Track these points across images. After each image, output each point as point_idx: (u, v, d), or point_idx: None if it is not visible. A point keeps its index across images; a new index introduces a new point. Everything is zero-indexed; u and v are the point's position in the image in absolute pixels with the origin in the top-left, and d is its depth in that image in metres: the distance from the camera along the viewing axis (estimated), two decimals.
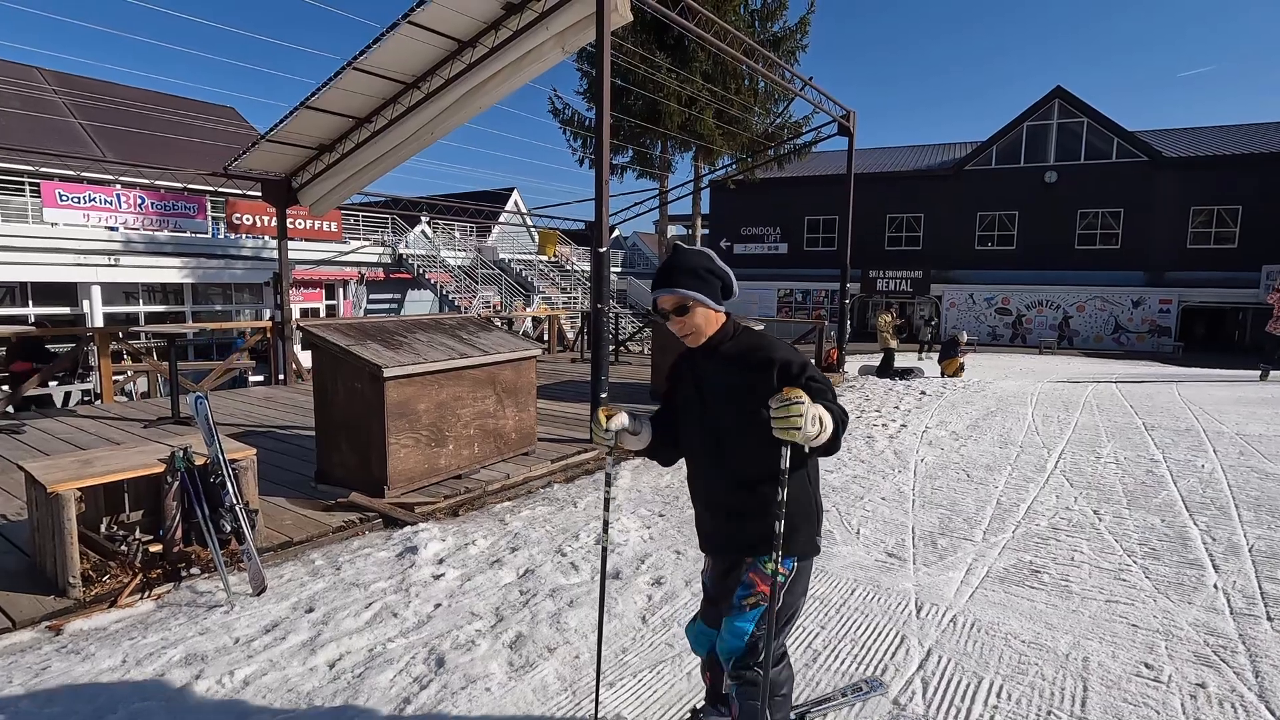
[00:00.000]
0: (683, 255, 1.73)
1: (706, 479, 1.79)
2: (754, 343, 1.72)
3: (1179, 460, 5.24)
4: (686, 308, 1.70)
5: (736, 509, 1.73)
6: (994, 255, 28.93)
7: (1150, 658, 2.49)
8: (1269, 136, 27.14)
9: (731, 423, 1.70)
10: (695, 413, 1.77)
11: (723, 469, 1.73)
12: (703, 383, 1.75)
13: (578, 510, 4.27)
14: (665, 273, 1.72)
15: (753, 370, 1.65)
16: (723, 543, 1.81)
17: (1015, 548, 3.60)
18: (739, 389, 1.66)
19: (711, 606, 1.87)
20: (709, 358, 1.74)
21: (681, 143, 17.14)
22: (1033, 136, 28.20)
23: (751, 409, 1.63)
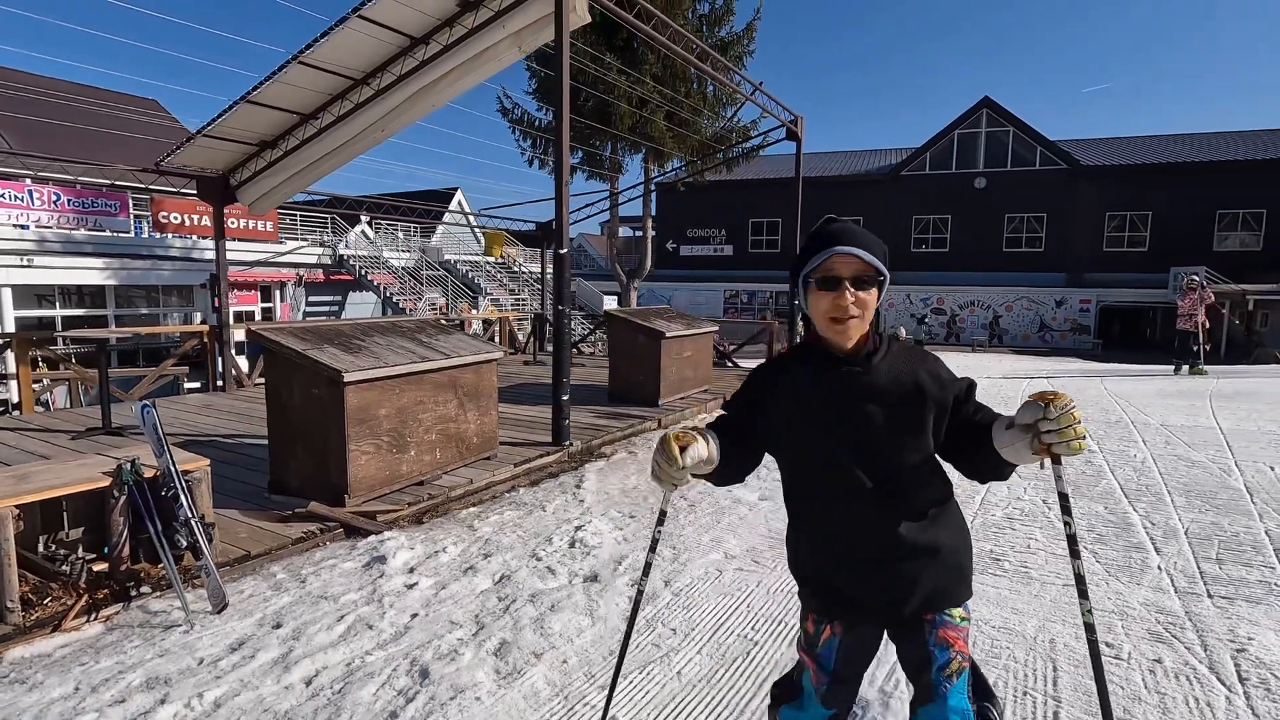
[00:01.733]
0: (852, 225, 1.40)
1: (859, 522, 1.38)
2: (917, 354, 1.44)
3: (1113, 451, 5.56)
4: (870, 280, 1.34)
5: (921, 552, 1.37)
6: (929, 257, 30.11)
7: (1110, 637, 2.64)
8: (1173, 148, 29.15)
9: (899, 447, 1.37)
10: (832, 438, 1.37)
11: (888, 507, 1.36)
12: (848, 401, 1.37)
13: (547, 514, 4.22)
14: (841, 233, 1.36)
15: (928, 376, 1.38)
16: (885, 601, 1.39)
17: (976, 538, 3.75)
18: (906, 404, 1.36)
19: (839, 685, 1.48)
20: (856, 369, 1.37)
21: (632, 144, 17.19)
22: (963, 144, 29.48)
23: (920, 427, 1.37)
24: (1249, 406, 7.41)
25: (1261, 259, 24.98)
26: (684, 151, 17.20)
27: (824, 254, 1.34)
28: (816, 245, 1.37)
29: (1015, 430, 1.25)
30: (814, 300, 1.37)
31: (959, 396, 1.39)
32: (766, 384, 1.50)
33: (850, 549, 1.40)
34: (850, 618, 1.44)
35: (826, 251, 1.34)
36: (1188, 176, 26.68)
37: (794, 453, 1.45)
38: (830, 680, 1.47)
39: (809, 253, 1.38)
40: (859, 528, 1.38)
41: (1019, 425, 1.24)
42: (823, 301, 1.35)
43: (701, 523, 4.05)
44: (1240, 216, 26.40)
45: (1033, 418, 1.22)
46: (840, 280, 1.33)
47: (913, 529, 1.37)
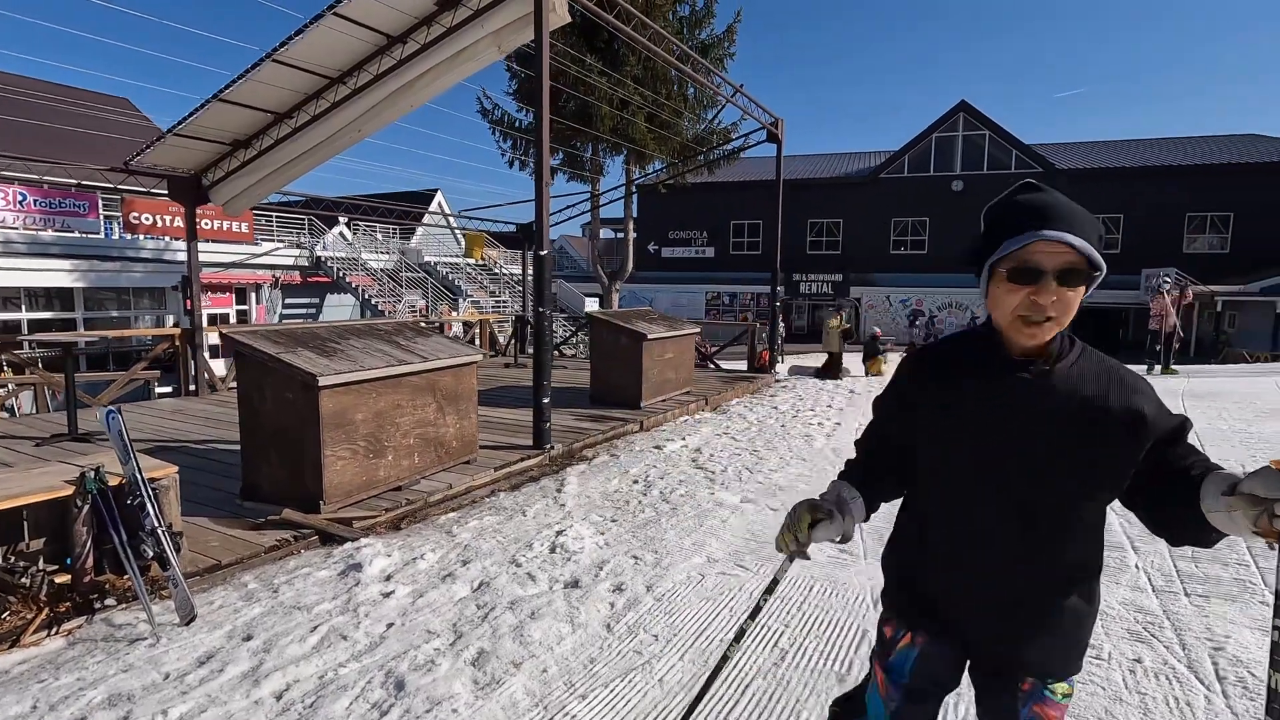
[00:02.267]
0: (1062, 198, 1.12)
1: (989, 555, 1.17)
2: (1112, 370, 1.15)
3: None
4: (1080, 275, 1.06)
5: (1048, 611, 1.16)
6: (907, 259, 30.41)
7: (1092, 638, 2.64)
8: (1144, 152, 29.73)
9: (1073, 488, 1.11)
10: (987, 455, 1.15)
11: (1030, 549, 1.15)
12: (1017, 413, 1.12)
13: (527, 519, 4.16)
14: (1049, 209, 1.07)
15: (1122, 406, 1.10)
16: (988, 641, 1.22)
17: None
18: (1091, 439, 1.09)
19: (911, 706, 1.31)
20: (1036, 376, 1.12)
21: (613, 146, 17.15)
22: (941, 147, 29.83)
23: (1104, 473, 1.10)
24: (1219, 405, 7.55)
25: (1229, 261, 25.55)
26: (665, 153, 17.20)
27: (1025, 238, 1.05)
28: (1014, 223, 1.08)
29: (1239, 499, 0.94)
30: (1000, 294, 1.11)
31: (1164, 437, 1.10)
32: (917, 377, 1.28)
33: (969, 574, 1.20)
34: (933, 632, 1.26)
35: (1029, 235, 1.05)
36: (1158, 180, 27.24)
37: (937, 457, 1.23)
38: (902, 697, 1.30)
39: (1002, 231, 1.09)
40: (988, 560, 1.17)
41: (1243, 494, 0.94)
42: (1013, 298, 1.08)
43: (684, 526, 4.02)
44: (1208, 219, 27.00)
45: (1268, 492, 0.90)
46: (1042, 273, 1.05)
47: (1047, 581, 1.16)
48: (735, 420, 7.45)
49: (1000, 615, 1.19)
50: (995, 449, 1.14)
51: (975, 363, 1.18)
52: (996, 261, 1.11)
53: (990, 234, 1.13)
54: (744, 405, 8.51)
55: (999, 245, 1.10)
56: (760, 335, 12.91)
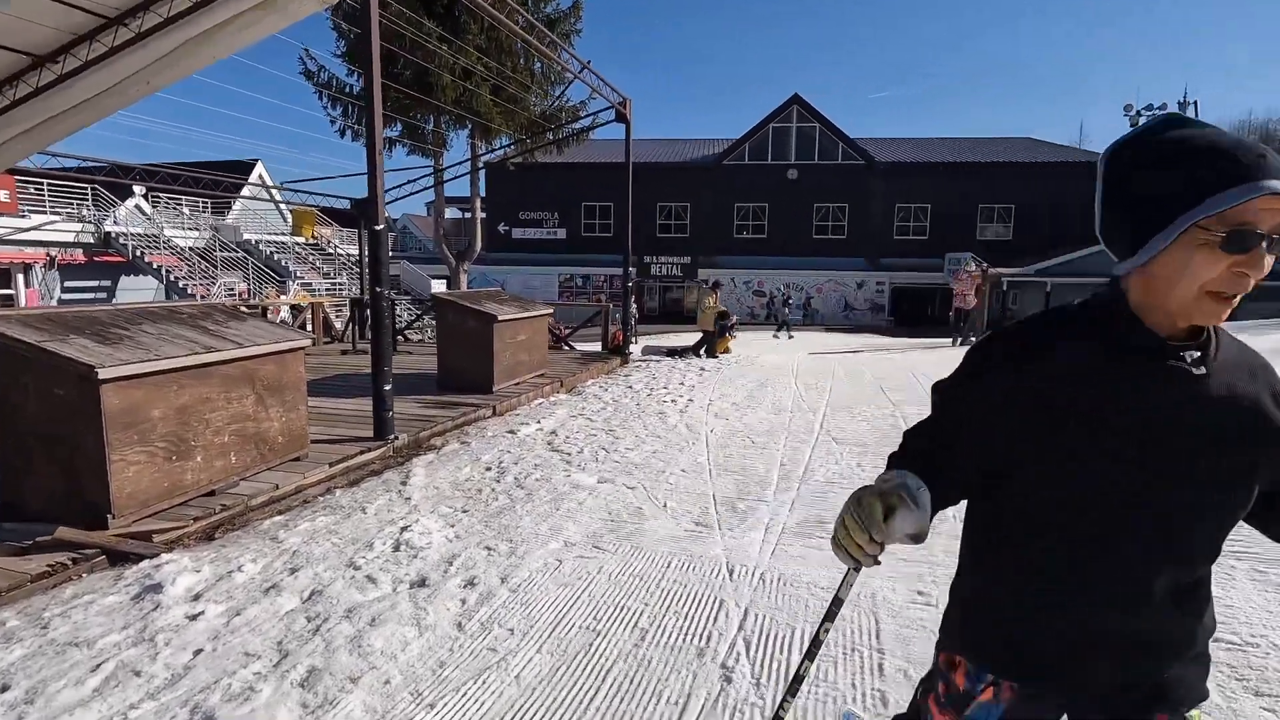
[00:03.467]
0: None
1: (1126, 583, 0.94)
2: (1246, 351, 0.98)
3: (912, 414, 6.20)
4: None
5: (1178, 638, 0.97)
6: (749, 243, 32.04)
7: (920, 585, 2.87)
8: (946, 150, 33.40)
9: (1215, 494, 0.92)
10: (1130, 477, 0.91)
11: (1166, 572, 0.94)
12: (1163, 411, 0.90)
13: (368, 516, 3.82)
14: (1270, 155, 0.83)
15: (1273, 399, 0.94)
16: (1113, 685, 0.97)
17: (802, 503, 3.96)
18: (1255, 436, 0.92)
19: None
20: (1179, 362, 0.90)
21: (457, 119, 16.32)
22: (777, 137, 31.60)
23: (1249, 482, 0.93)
24: None
25: (1012, 247, 29.52)
26: (512, 129, 16.67)
27: (1249, 189, 0.80)
28: (1223, 170, 0.82)
29: None
30: (1197, 262, 0.84)
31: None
32: (1017, 363, 0.96)
33: (1096, 616, 0.95)
34: (1032, 684, 1.00)
35: (1251, 188, 0.80)
36: (957, 176, 30.78)
37: (1048, 474, 0.95)
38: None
39: (1206, 177, 0.83)
40: (1118, 594, 0.94)
41: None
42: (1214, 267, 0.84)
43: (539, 511, 3.89)
44: (996, 211, 30.99)
45: None
46: (1261, 237, 0.82)
47: (1183, 607, 0.97)
48: (590, 401, 7.40)
49: (1136, 649, 0.96)
50: (1144, 464, 0.90)
51: (1101, 349, 0.92)
52: (1200, 217, 0.82)
53: (1184, 175, 0.84)
54: (599, 386, 8.48)
55: (1205, 194, 0.82)
56: (613, 316, 12.96)
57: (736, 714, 2.07)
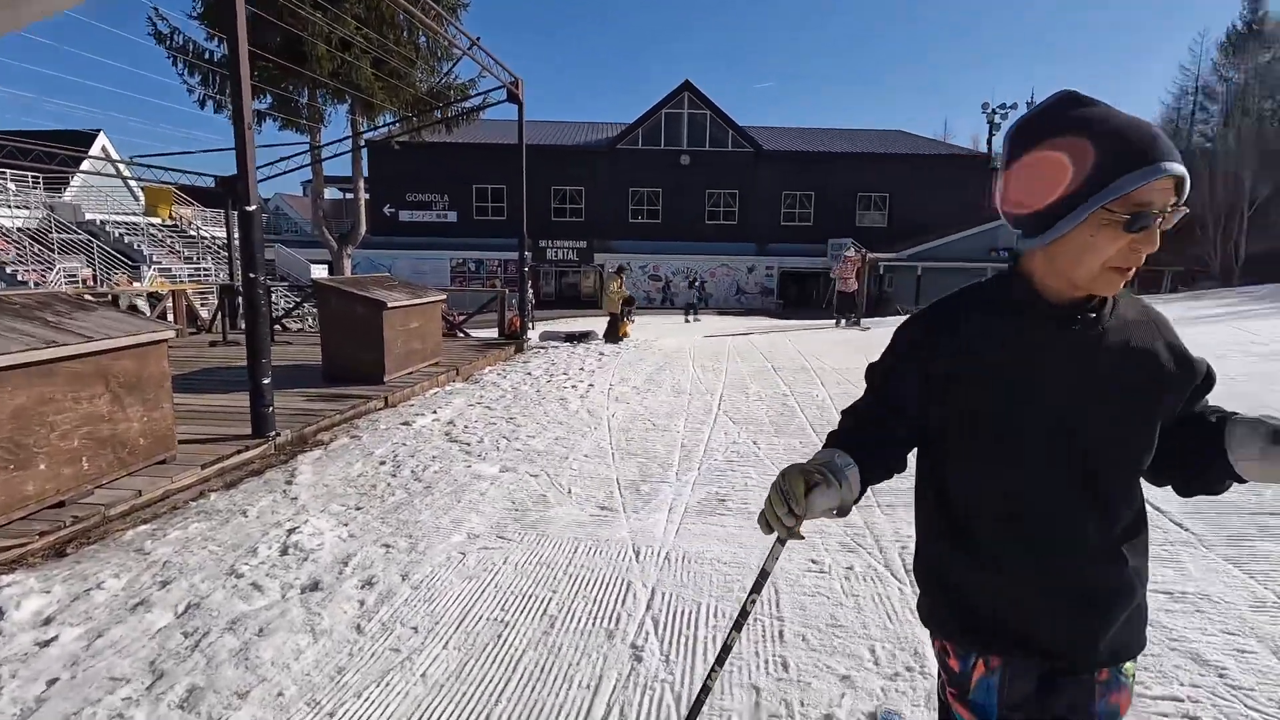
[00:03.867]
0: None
1: (1055, 537, 1.01)
2: (1148, 309, 1.06)
3: (801, 393, 6.51)
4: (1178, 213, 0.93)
5: (1116, 588, 1.03)
6: (645, 227, 32.32)
7: (814, 554, 3.03)
8: (827, 140, 35.05)
9: (1130, 444, 1.01)
10: (1042, 422, 0.99)
11: (1097, 523, 1.01)
12: (1071, 371, 0.98)
13: (249, 520, 3.55)
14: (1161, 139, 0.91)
15: (1167, 350, 1.03)
16: (1066, 641, 1.02)
17: (703, 483, 4.07)
18: (1151, 385, 1.01)
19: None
20: (1084, 327, 0.99)
21: (335, 93, 15.30)
22: (670, 123, 31.95)
23: (1152, 424, 1.02)
24: None
25: (888, 233, 31.54)
26: (396, 106, 15.84)
27: (1149, 172, 0.88)
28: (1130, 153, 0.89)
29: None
30: (1095, 238, 0.92)
31: (1199, 386, 1.05)
32: (942, 340, 1.04)
33: (1039, 566, 1.02)
34: (1011, 654, 1.04)
35: (1154, 170, 0.88)
36: (837, 165, 32.42)
37: (978, 433, 1.02)
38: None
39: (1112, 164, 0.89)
40: (1058, 538, 1.01)
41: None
42: (1115, 244, 0.92)
43: (440, 504, 3.77)
44: (873, 199, 32.96)
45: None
46: (1157, 215, 0.90)
47: (1116, 554, 1.02)
48: (489, 389, 7.23)
49: (1078, 607, 1.02)
50: (1060, 416, 0.98)
51: (1011, 319, 1.01)
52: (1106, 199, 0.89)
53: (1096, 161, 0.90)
54: (497, 373, 8.31)
55: (1110, 178, 0.89)
56: (510, 302, 12.71)
57: (648, 691, 2.11)
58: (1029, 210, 0.98)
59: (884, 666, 2.20)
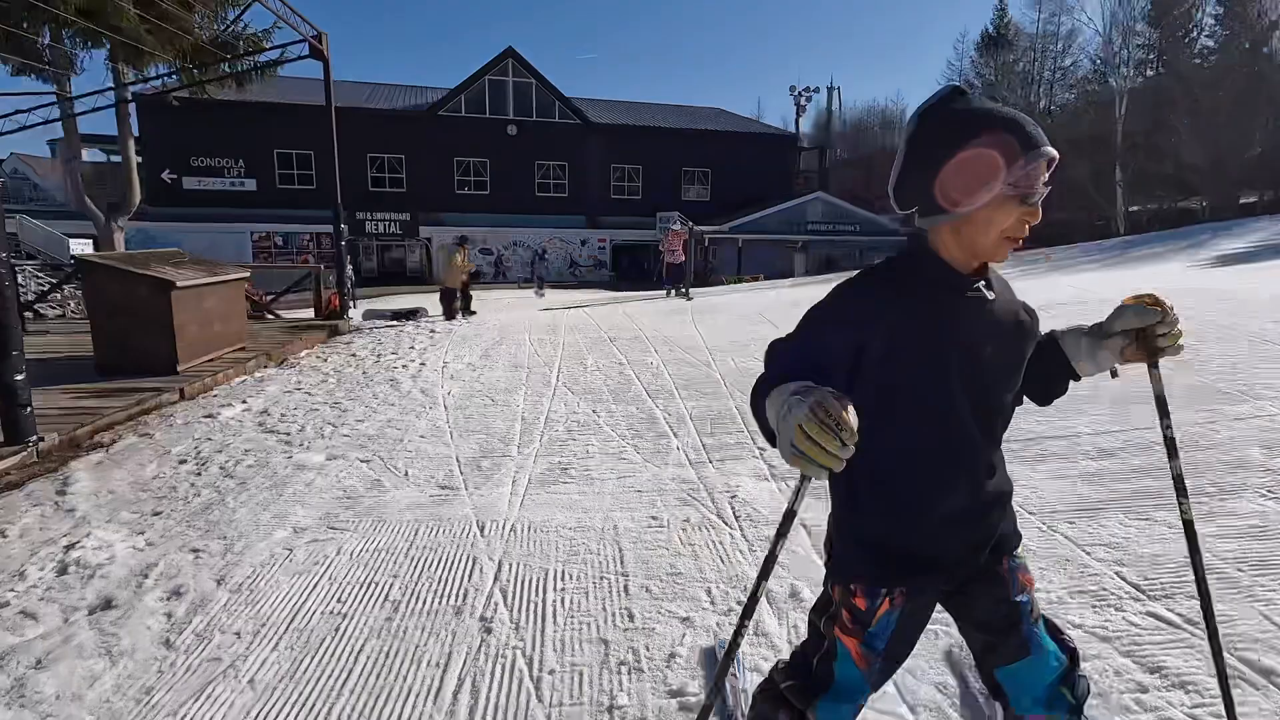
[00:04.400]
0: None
1: (958, 468, 1.20)
2: (1004, 279, 1.28)
3: (637, 361, 6.74)
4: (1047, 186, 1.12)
5: (1002, 498, 1.27)
6: (473, 199, 31.20)
7: (654, 511, 3.20)
8: (652, 115, 35.91)
9: (1010, 384, 1.24)
10: (949, 374, 1.15)
11: (987, 450, 1.23)
12: (969, 330, 1.16)
13: (10, 541, 3.03)
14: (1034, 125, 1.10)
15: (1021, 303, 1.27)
16: (968, 552, 1.24)
17: (545, 454, 4.10)
18: (1022, 332, 1.24)
19: (891, 664, 1.28)
20: (980, 293, 1.17)
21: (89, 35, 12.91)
22: (494, 90, 30.91)
23: (1024, 363, 1.26)
24: (715, 318, 9.84)
25: (711, 207, 33.16)
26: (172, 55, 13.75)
27: (1036, 156, 1.07)
28: (1024, 137, 1.07)
29: (1114, 339, 1.23)
30: (997, 214, 1.09)
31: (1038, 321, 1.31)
32: (870, 311, 1.15)
33: (942, 498, 1.20)
34: (918, 582, 1.23)
35: (1039, 154, 1.07)
36: (663, 140, 33.36)
37: (901, 392, 1.16)
38: (884, 662, 1.26)
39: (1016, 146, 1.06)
40: (961, 471, 1.20)
41: (1118, 332, 1.22)
42: (1008, 217, 1.10)
43: (258, 500, 3.45)
44: (696, 174, 34.40)
45: (1144, 322, 1.20)
46: (1038, 193, 1.10)
47: (996, 470, 1.26)
48: (308, 374, 6.68)
49: (982, 519, 1.23)
50: (968, 372, 1.16)
51: (928, 285, 1.16)
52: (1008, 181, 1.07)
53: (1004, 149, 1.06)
54: (316, 356, 7.68)
55: (1009, 167, 1.06)
56: (326, 279, 11.75)
57: (499, 659, 2.13)
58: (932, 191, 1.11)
59: (719, 605, 2.40)
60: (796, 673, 1.32)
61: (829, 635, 1.28)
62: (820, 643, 1.30)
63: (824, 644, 1.29)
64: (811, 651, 1.31)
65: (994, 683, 1.29)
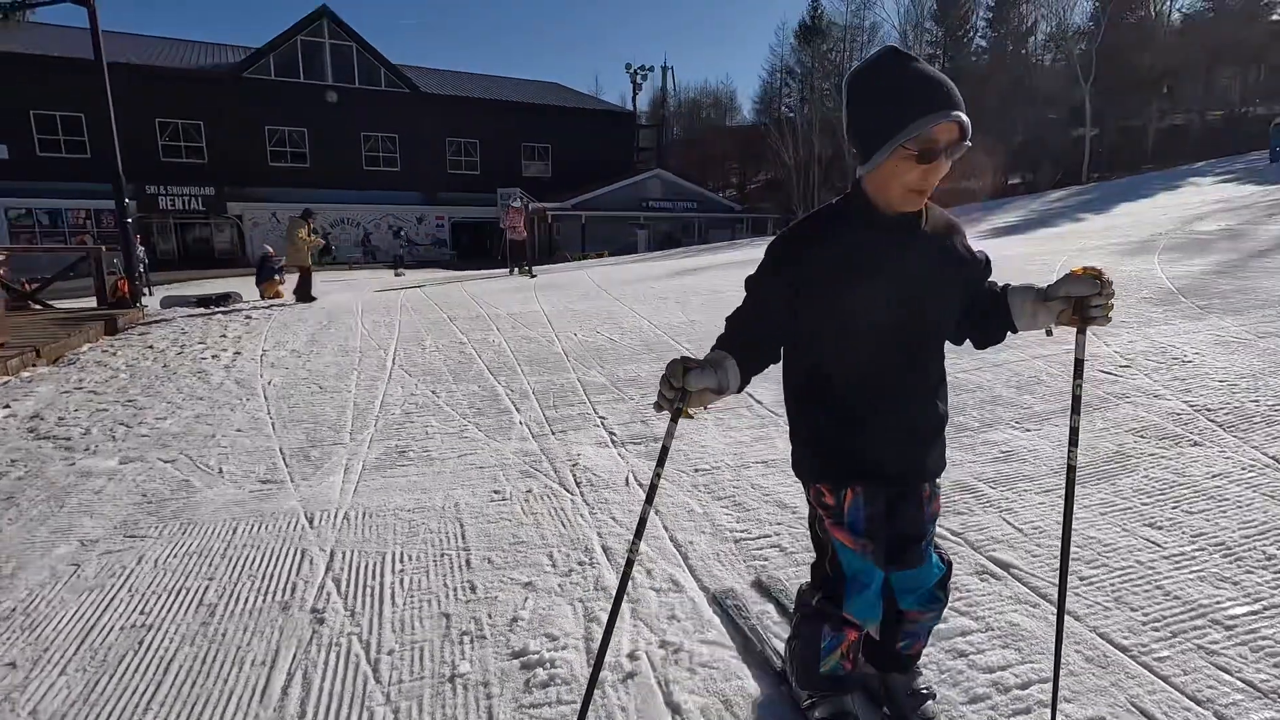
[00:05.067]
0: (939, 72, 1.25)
1: (893, 388, 1.40)
2: (948, 216, 1.42)
3: (478, 340, 6.60)
4: (958, 148, 1.24)
5: (931, 425, 1.45)
6: (290, 172, 28.53)
7: (496, 485, 3.20)
8: (492, 87, 34.73)
9: (940, 318, 1.41)
10: (882, 302, 1.33)
11: (918, 379, 1.42)
12: (900, 263, 1.32)
13: None
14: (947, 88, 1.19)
15: (962, 248, 1.41)
16: (904, 467, 1.44)
17: (381, 438, 3.94)
18: (954, 273, 1.39)
19: (877, 544, 1.44)
20: (905, 234, 1.33)
21: None
22: (309, 52, 28.30)
23: (955, 301, 1.42)
24: (559, 293, 9.85)
25: (553, 183, 32.87)
26: None
27: (935, 118, 1.17)
28: (922, 100, 1.18)
29: (1055, 302, 1.35)
30: (897, 168, 1.23)
31: (983, 270, 1.46)
32: (802, 253, 1.36)
33: (881, 415, 1.39)
34: (866, 483, 1.42)
35: (939, 115, 1.17)
36: (502, 114, 32.42)
37: (835, 320, 1.35)
38: (871, 542, 1.42)
39: (907, 108, 1.17)
40: (894, 399, 1.39)
41: (1059, 297, 1.34)
42: (912, 173, 1.22)
43: (32, 515, 3.01)
44: (536, 149, 33.87)
45: (1085, 291, 1.31)
46: (940, 152, 1.20)
47: (932, 398, 1.43)
48: (92, 371, 5.84)
49: (909, 439, 1.42)
50: (887, 294, 1.32)
51: (856, 226, 1.33)
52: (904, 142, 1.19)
53: (893, 109, 1.19)
54: (103, 351, 6.73)
55: (905, 123, 1.17)
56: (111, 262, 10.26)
57: (334, 648, 2.05)
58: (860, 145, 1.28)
59: (560, 567, 2.47)
60: (820, 585, 1.52)
61: (826, 536, 1.48)
62: (824, 547, 1.51)
63: (826, 547, 1.49)
64: (820, 558, 1.54)
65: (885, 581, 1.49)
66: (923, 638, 1.62)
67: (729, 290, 8.51)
